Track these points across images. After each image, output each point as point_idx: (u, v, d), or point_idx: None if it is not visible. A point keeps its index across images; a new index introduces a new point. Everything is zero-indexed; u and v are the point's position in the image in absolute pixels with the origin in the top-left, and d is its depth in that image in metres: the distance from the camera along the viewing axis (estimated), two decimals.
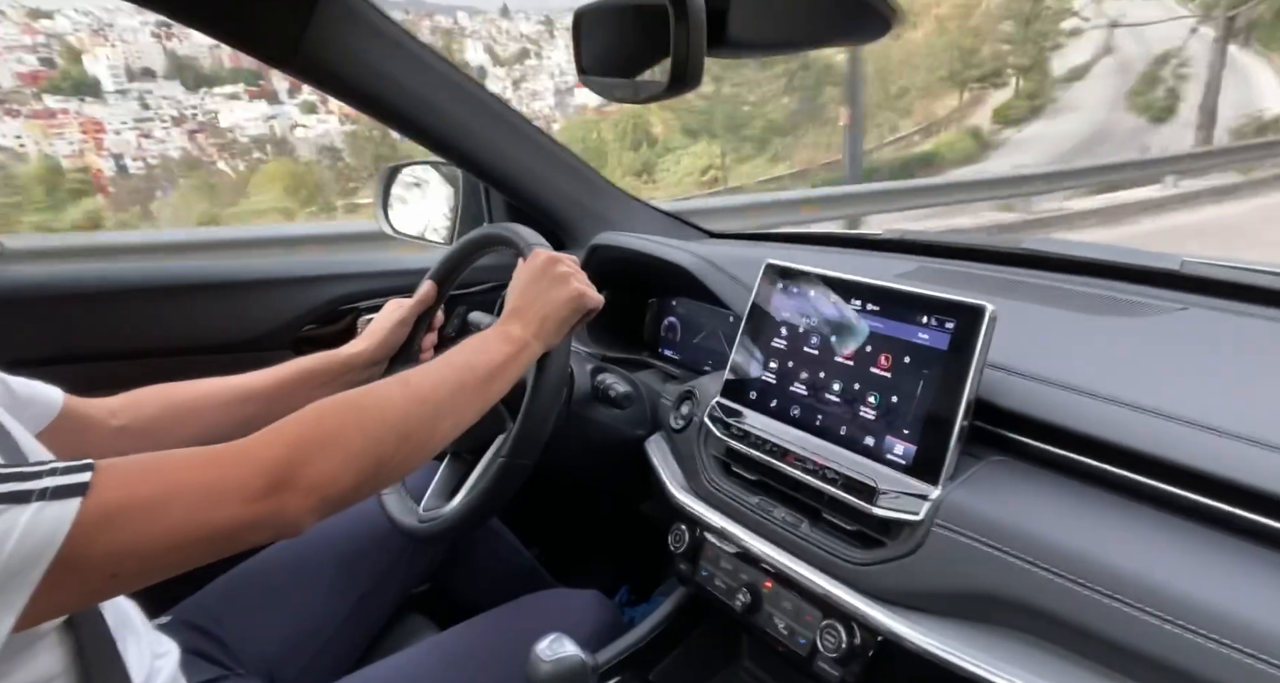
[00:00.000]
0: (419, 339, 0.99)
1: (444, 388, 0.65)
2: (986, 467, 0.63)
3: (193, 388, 0.82)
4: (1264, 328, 0.74)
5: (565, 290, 0.78)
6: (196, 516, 0.48)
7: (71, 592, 0.45)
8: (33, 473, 0.44)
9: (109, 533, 0.45)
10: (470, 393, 0.68)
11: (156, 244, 3.51)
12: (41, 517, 0.42)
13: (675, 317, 1.18)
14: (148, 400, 0.79)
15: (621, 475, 1.00)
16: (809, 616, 0.70)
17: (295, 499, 0.52)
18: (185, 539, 0.49)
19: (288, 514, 0.52)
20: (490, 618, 0.88)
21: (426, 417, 0.63)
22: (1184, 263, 0.85)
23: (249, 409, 0.83)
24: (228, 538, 0.51)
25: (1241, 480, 0.50)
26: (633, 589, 1.29)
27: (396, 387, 0.63)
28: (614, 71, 0.71)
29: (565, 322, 0.79)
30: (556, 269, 0.79)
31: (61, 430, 0.70)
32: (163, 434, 0.79)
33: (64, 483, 0.44)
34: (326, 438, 0.55)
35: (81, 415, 0.73)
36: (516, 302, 0.78)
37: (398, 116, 1.09)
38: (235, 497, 0.50)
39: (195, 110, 20.50)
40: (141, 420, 0.78)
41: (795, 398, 0.76)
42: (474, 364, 0.69)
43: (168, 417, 0.79)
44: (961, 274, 0.97)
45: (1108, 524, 0.54)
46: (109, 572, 0.46)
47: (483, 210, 1.36)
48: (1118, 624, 0.48)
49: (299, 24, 0.93)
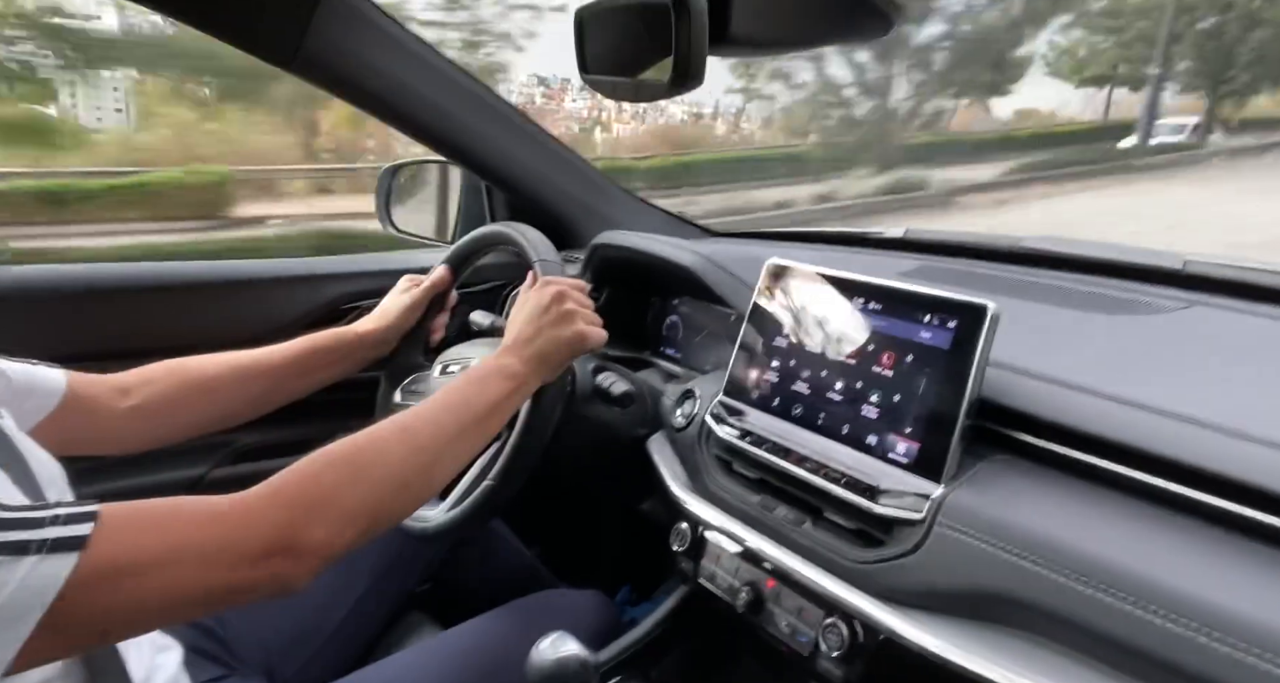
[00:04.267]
0: (430, 320, 1.01)
1: (443, 435, 0.65)
2: (989, 465, 0.63)
3: (205, 365, 0.83)
4: (1268, 326, 0.74)
5: (569, 331, 0.77)
6: (192, 579, 0.48)
7: (59, 647, 0.44)
8: (36, 520, 0.43)
9: (101, 594, 0.44)
10: (468, 435, 0.67)
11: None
12: (36, 572, 0.41)
13: (677, 316, 1.18)
14: (160, 378, 0.80)
15: (623, 475, 1.00)
16: (811, 615, 0.70)
17: (293, 564, 0.52)
18: (177, 602, 0.48)
19: (284, 579, 0.52)
20: (491, 618, 0.88)
21: (425, 465, 0.63)
22: (1187, 262, 0.85)
23: (262, 386, 0.85)
24: (221, 601, 0.50)
25: (1246, 479, 0.50)
26: (634, 589, 1.29)
27: (396, 436, 0.62)
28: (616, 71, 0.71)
29: (564, 362, 0.78)
30: (563, 307, 0.78)
31: (69, 416, 0.70)
32: (176, 413, 0.80)
33: (64, 535, 0.43)
34: (326, 499, 0.54)
35: (88, 398, 0.73)
36: (518, 334, 0.76)
37: (399, 116, 1.09)
38: (233, 560, 0.49)
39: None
40: (155, 399, 0.78)
41: (797, 397, 0.75)
42: (472, 404, 0.68)
43: (181, 395, 0.80)
44: (964, 273, 0.97)
45: (1111, 523, 0.54)
46: (98, 630, 0.46)
47: (484, 209, 1.36)
48: (1121, 623, 0.48)
49: (300, 24, 0.93)
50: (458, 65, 1.10)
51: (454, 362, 0.97)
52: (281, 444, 1.23)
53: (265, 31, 0.94)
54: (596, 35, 0.71)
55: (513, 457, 0.81)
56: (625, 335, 1.20)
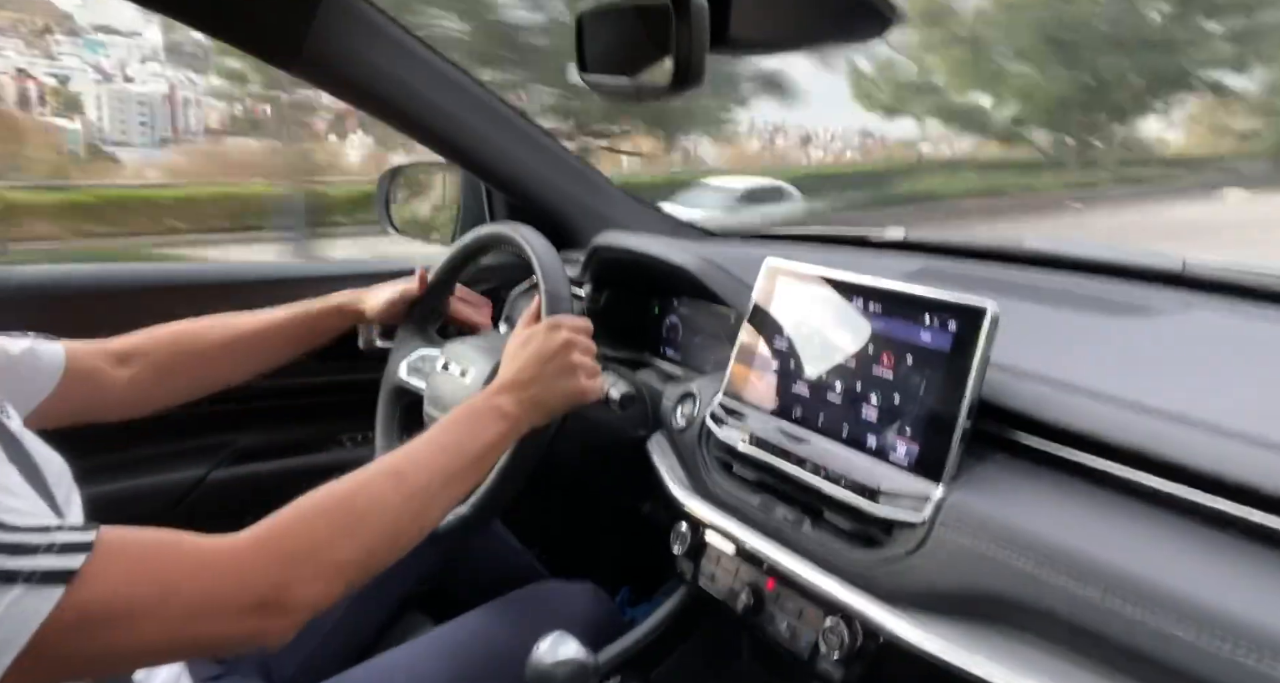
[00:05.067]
0: (444, 306, 1.05)
1: (437, 480, 0.64)
2: (989, 467, 0.63)
3: (202, 335, 0.85)
4: (1267, 328, 0.74)
5: (570, 384, 0.76)
6: (174, 630, 0.47)
7: (35, 680, 0.43)
8: (31, 546, 0.42)
9: (79, 636, 0.43)
10: (460, 478, 0.67)
11: None
12: (21, 603, 0.41)
13: (677, 317, 1.18)
14: (156, 347, 0.82)
15: (623, 476, 1.00)
16: (811, 616, 0.70)
17: (279, 620, 0.51)
18: (154, 652, 0.48)
19: (268, 634, 0.51)
20: (485, 611, 0.88)
21: (418, 511, 0.62)
22: (1187, 264, 0.85)
23: (258, 352, 0.88)
24: (200, 652, 0.50)
25: (1246, 480, 0.50)
26: (634, 590, 1.29)
27: (389, 483, 0.61)
28: (616, 71, 0.71)
29: (557, 411, 0.77)
30: (568, 357, 0.76)
31: (72, 387, 0.71)
32: (176, 380, 0.83)
33: (55, 567, 0.42)
34: (318, 552, 0.53)
35: (89, 370, 0.74)
36: (517, 374, 0.74)
37: (400, 117, 1.10)
38: (219, 614, 0.48)
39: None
40: (153, 368, 0.80)
41: (797, 398, 0.75)
42: (465, 446, 0.67)
43: (178, 363, 0.83)
44: (964, 275, 0.97)
45: (1111, 525, 0.54)
46: (75, 670, 0.45)
47: (484, 210, 1.36)
48: (1121, 625, 0.48)
49: (301, 25, 0.93)
50: (459, 66, 1.11)
51: (455, 361, 0.97)
52: (282, 445, 1.23)
53: (267, 33, 0.95)
54: (597, 35, 0.71)
55: (489, 494, 0.81)
56: (625, 337, 1.20)
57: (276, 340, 0.90)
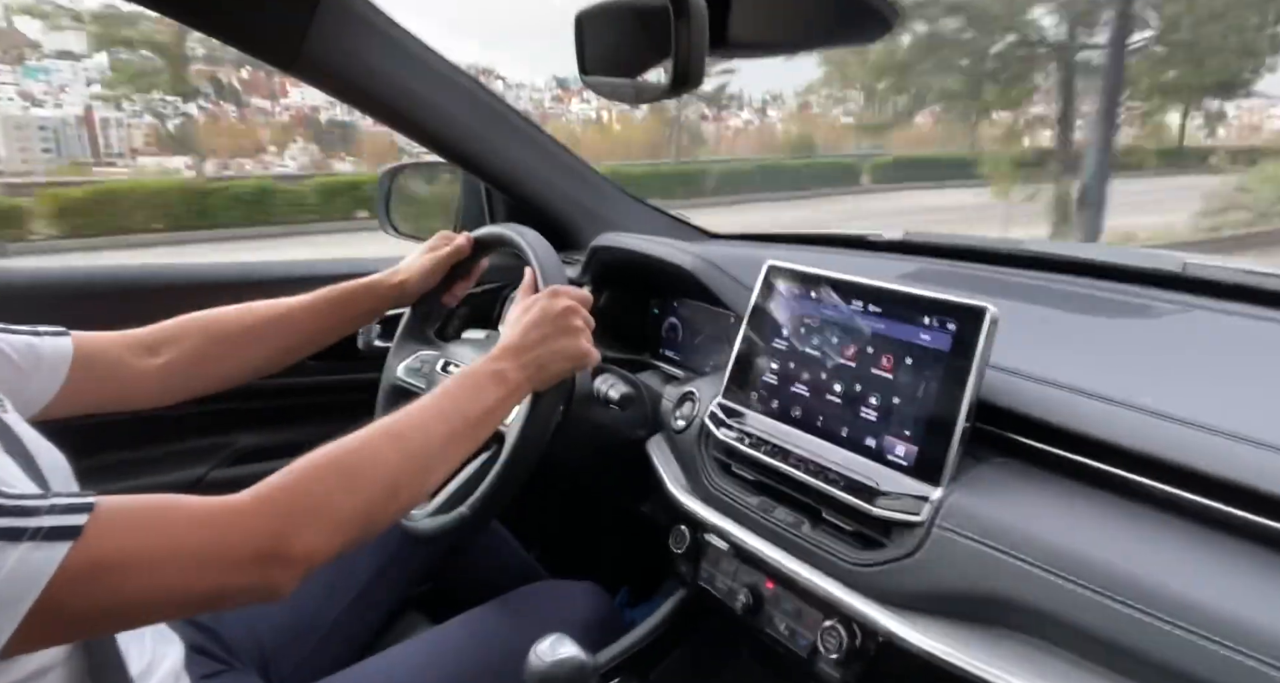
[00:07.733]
0: (451, 286, 1.01)
1: (436, 441, 0.64)
2: (988, 468, 0.63)
3: (231, 321, 0.84)
4: (1267, 330, 0.74)
5: (572, 345, 0.76)
6: (180, 580, 0.48)
7: (50, 635, 0.45)
8: (32, 508, 0.43)
9: (90, 587, 0.44)
10: (460, 441, 0.67)
11: None
12: (29, 558, 0.42)
13: (676, 318, 1.18)
14: (186, 335, 0.81)
15: (622, 476, 1.00)
16: (810, 617, 0.70)
17: (281, 571, 0.52)
18: (164, 602, 0.49)
19: (271, 585, 0.52)
20: (484, 611, 0.88)
21: (417, 472, 0.63)
22: (1186, 265, 0.85)
23: (288, 337, 0.86)
24: (207, 604, 0.51)
25: (1244, 482, 0.50)
26: (633, 591, 1.29)
27: (388, 442, 0.62)
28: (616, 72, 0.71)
29: (559, 375, 0.77)
30: (570, 320, 0.76)
31: (85, 378, 0.71)
32: (207, 368, 0.82)
33: (59, 524, 0.43)
34: (317, 507, 0.54)
35: (107, 359, 0.74)
36: (518, 339, 0.74)
37: (399, 117, 1.09)
38: (222, 565, 0.50)
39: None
40: (185, 356, 0.79)
41: (796, 399, 0.75)
42: (465, 409, 0.68)
43: (210, 352, 0.81)
44: (963, 276, 0.97)
45: (1110, 526, 0.54)
46: (87, 622, 0.46)
47: (483, 210, 1.36)
48: (1119, 626, 0.48)
49: (301, 26, 0.93)
50: (458, 68, 1.10)
51: (456, 362, 0.97)
52: (281, 446, 1.23)
53: (266, 34, 0.94)
54: (596, 36, 0.71)
55: (488, 492, 0.81)
56: (625, 337, 1.20)
57: (307, 325, 0.87)
